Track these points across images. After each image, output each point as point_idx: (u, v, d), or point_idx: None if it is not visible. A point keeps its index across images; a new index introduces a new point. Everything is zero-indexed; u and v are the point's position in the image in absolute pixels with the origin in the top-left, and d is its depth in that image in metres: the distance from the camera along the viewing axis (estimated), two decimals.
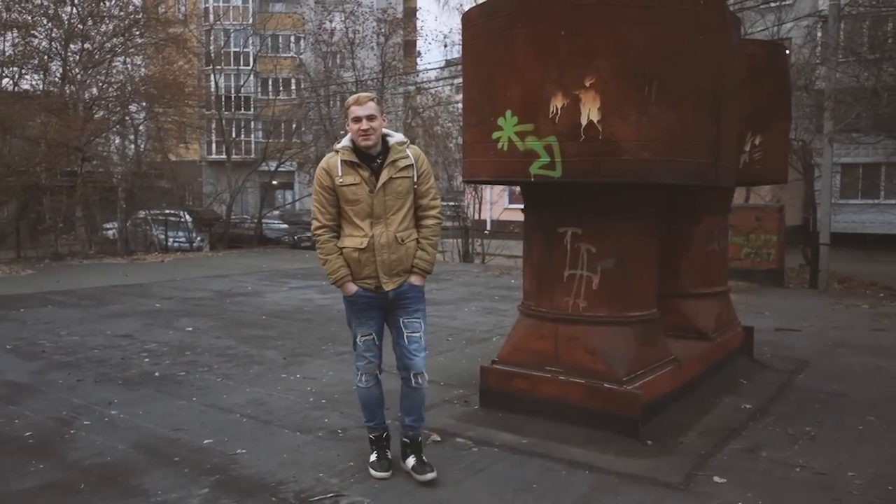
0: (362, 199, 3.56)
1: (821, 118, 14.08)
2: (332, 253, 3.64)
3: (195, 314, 9.07)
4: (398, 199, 3.61)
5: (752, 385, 5.62)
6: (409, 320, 3.71)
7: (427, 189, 3.72)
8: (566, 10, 4.12)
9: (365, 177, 3.57)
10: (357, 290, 3.65)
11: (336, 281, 3.65)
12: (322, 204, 3.64)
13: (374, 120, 3.55)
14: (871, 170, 23.68)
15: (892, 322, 8.80)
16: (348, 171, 3.57)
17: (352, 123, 3.56)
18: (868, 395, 5.40)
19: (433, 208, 3.74)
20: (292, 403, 5.14)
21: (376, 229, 3.58)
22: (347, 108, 3.60)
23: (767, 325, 8.15)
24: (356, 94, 3.74)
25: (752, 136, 6.01)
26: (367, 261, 3.60)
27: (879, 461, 4.05)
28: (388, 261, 3.60)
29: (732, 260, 11.50)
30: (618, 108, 4.08)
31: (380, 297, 3.66)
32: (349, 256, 3.62)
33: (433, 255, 3.75)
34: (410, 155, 3.65)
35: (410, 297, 3.70)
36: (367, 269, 3.61)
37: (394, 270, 3.63)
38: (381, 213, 3.58)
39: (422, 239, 3.71)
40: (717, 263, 6.16)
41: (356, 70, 24.69)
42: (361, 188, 3.56)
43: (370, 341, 3.74)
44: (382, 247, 3.58)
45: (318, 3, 26.80)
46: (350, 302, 3.71)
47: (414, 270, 3.68)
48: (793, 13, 19.70)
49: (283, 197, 35.26)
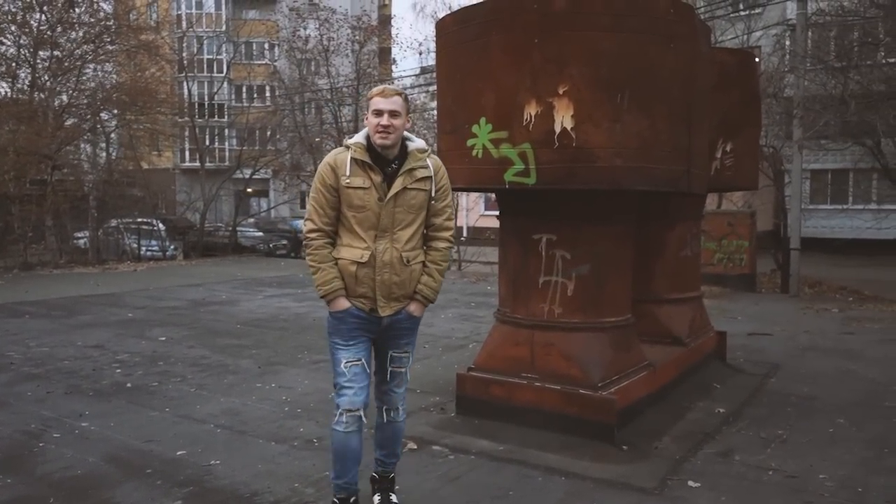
0: (369, 207, 3.07)
1: (790, 125, 14.32)
2: (325, 262, 3.13)
3: (168, 324, 8.96)
4: (410, 212, 3.12)
5: (726, 389, 5.68)
6: (398, 354, 3.28)
7: (443, 207, 3.24)
8: (539, 18, 4.15)
9: (376, 181, 3.07)
10: (349, 307, 3.13)
11: (327, 294, 3.13)
12: (320, 204, 3.12)
13: (398, 117, 3.06)
14: (839, 176, 24.11)
15: (860, 326, 8.95)
16: (358, 171, 3.08)
17: (371, 116, 3.08)
18: (838, 398, 5.48)
19: (447, 230, 3.27)
20: (267, 413, 5.09)
21: (380, 244, 3.09)
22: (370, 98, 3.12)
23: (740, 330, 8.25)
24: (381, 85, 3.27)
25: (724, 142, 6.09)
26: (364, 278, 3.10)
27: (850, 463, 4.11)
28: (388, 282, 3.11)
29: (705, 265, 11.66)
30: (591, 116, 4.11)
31: (372, 322, 3.17)
32: (345, 269, 3.12)
33: (440, 283, 3.26)
34: (430, 165, 3.18)
35: (405, 329, 3.24)
36: (362, 288, 3.12)
37: (393, 294, 3.14)
38: (389, 225, 3.09)
39: (429, 263, 3.22)
40: (691, 269, 6.23)
41: (331, 77, 24.63)
42: (370, 194, 3.07)
43: (358, 368, 3.15)
44: (385, 265, 3.09)
45: (292, 11, 26.68)
46: (338, 319, 3.16)
47: (416, 297, 3.20)
48: (762, 22, 20.03)
49: (257, 205, 35.01)
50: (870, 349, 7.41)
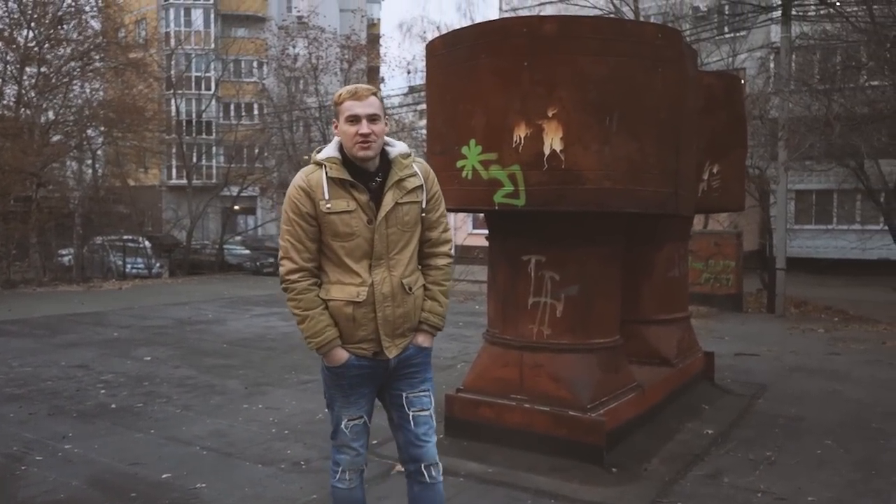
0: (358, 233, 2.58)
1: (775, 146, 14.47)
2: (313, 307, 2.61)
3: (154, 343, 8.88)
4: (405, 232, 2.67)
5: (714, 410, 5.69)
6: (416, 395, 2.77)
7: (438, 218, 2.79)
8: (528, 41, 4.19)
9: (362, 201, 2.59)
10: (348, 359, 2.66)
11: (320, 346, 2.63)
12: (298, 238, 2.60)
13: (377, 122, 2.60)
14: (823, 196, 24.37)
15: (846, 346, 9.01)
16: (339, 192, 2.58)
17: (345, 125, 2.59)
18: (825, 419, 5.50)
19: (445, 243, 2.82)
20: (254, 435, 5.04)
21: (376, 274, 2.61)
22: (339, 102, 2.62)
23: (727, 350, 8.27)
24: (350, 85, 2.74)
25: (710, 164, 6.15)
26: (364, 318, 2.61)
27: (837, 485, 4.12)
28: (392, 317, 2.64)
29: (692, 285, 11.70)
30: (580, 138, 4.14)
31: (378, 367, 2.70)
32: (339, 313, 2.62)
33: (446, 306, 2.82)
34: (419, 172, 2.72)
35: (417, 365, 2.77)
36: (363, 330, 2.63)
37: (398, 330, 2.68)
38: (383, 251, 2.62)
39: (431, 285, 2.77)
40: (678, 289, 6.25)
41: (319, 95, 24.72)
42: (357, 217, 2.58)
43: (359, 427, 2.77)
44: (385, 298, 2.62)
45: (281, 29, 26.88)
46: (337, 374, 2.69)
47: (422, 328, 2.75)
48: (747, 44, 20.31)
49: (245, 222, 34.89)
50: (856, 370, 7.45)
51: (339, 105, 2.63)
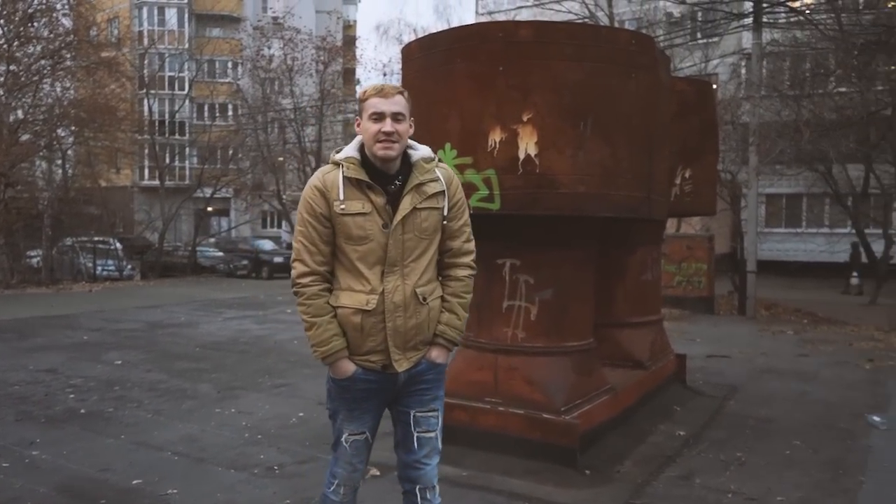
0: (372, 237, 2.45)
1: (746, 151, 14.69)
2: (322, 314, 2.48)
3: (125, 347, 8.76)
4: (422, 239, 2.52)
5: (686, 412, 5.75)
6: (424, 415, 2.62)
7: (461, 227, 2.63)
8: (504, 46, 4.21)
9: (378, 204, 2.46)
10: (355, 371, 2.52)
11: (326, 356, 2.49)
12: (311, 240, 2.48)
13: (402, 122, 2.47)
14: (793, 200, 24.77)
15: (814, 348, 9.16)
16: (354, 193, 2.46)
17: (368, 122, 2.46)
18: (794, 420, 5.59)
19: (468, 254, 2.66)
20: (226, 439, 4.99)
21: (388, 282, 2.47)
22: (364, 99, 2.50)
23: (699, 352, 8.37)
24: (377, 83, 2.60)
25: (683, 169, 6.22)
26: (373, 328, 2.47)
27: (806, 485, 4.19)
28: (403, 328, 2.49)
29: (665, 288, 11.82)
30: (554, 143, 4.17)
31: (386, 381, 2.55)
32: (347, 321, 2.48)
33: (465, 320, 2.66)
34: (441, 177, 2.58)
35: (429, 381, 2.61)
36: (371, 341, 2.49)
37: (410, 342, 2.52)
38: (398, 258, 2.47)
39: (449, 297, 2.60)
40: (651, 293, 6.32)
41: (294, 97, 24.60)
42: (372, 221, 2.45)
43: (361, 443, 2.62)
44: (397, 307, 2.47)
45: (256, 30, 26.68)
46: (342, 387, 2.55)
47: (437, 341, 2.58)
48: (719, 50, 20.60)
49: (218, 224, 34.58)
50: (824, 371, 7.58)
51: (363, 101, 2.50)
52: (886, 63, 11.53)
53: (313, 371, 7.33)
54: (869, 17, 10.54)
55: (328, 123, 26.14)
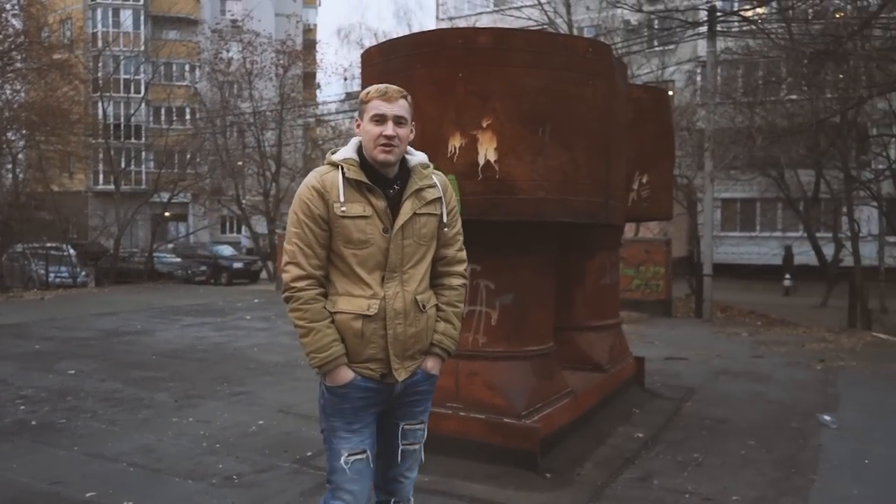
0: (373, 241, 2.39)
1: (702, 157, 15.00)
2: (319, 319, 2.38)
3: (78, 356, 8.55)
4: (420, 245, 2.47)
5: (644, 414, 5.84)
6: (412, 427, 2.55)
7: (455, 235, 2.61)
8: (463, 53, 4.24)
9: (379, 208, 2.40)
10: (353, 379, 2.41)
11: (324, 363, 2.37)
12: (307, 242, 2.39)
13: (404, 126, 2.42)
14: (747, 205, 25.37)
15: (768, 349, 9.38)
16: (355, 195, 2.39)
17: (369, 124, 2.40)
18: (749, 420, 5.71)
19: (461, 262, 2.63)
20: (184, 449, 4.91)
21: (389, 288, 2.41)
22: (366, 101, 2.43)
23: (657, 355, 8.50)
24: (380, 85, 2.47)
25: (640, 175, 6.32)
26: (373, 335, 2.39)
27: (760, 484, 4.28)
28: (403, 336, 2.42)
29: (624, 291, 11.99)
30: (513, 149, 4.20)
31: (383, 391, 2.46)
32: (346, 327, 2.39)
33: (459, 329, 2.63)
34: (438, 184, 2.54)
35: (422, 392, 2.55)
36: (372, 348, 2.40)
37: (409, 351, 2.45)
38: (398, 263, 2.42)
39: (444, 305, 2.56)
40: (610, 297, 6.40)
41: (254, 101, 24.36)
42: (373, 224, 2.39)
43: (362, 465, 2.45)
44: (397, 314, 2.40)
45: (214, 33, 26.35)
46: (339, 396, 2.42)
47: (434, 351, 2.53)
48: (675, 58, 21.00)
49: (176, 229, 34.01)
50: (777, 372, 7.76)
51: (365, 103, 2.43)
52: (835, 72, 11.86)
53: (273, 378, 7.25)
54: (818, 27, 10.84)
55: (288, 128, 25.94)
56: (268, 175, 24.75)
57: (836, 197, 16.62)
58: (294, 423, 5.54)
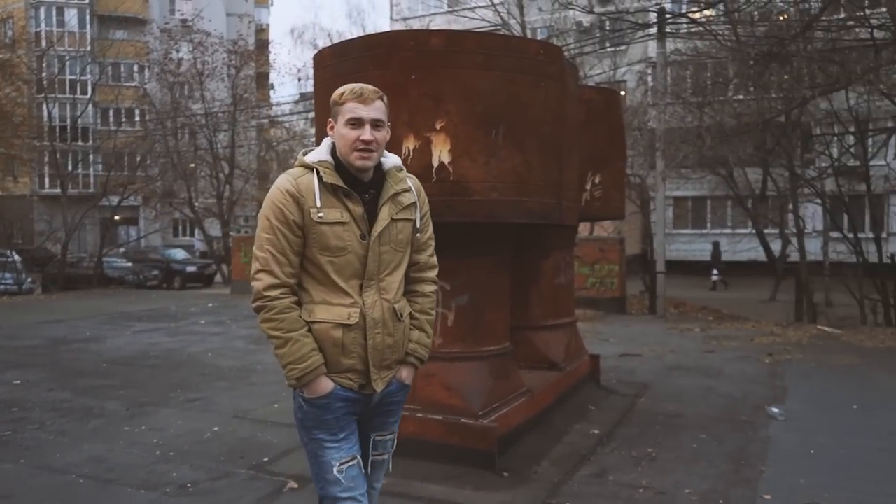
0: (350, 248, 2.31)
1: (654, 156, 15.28)
2: (296, 328, 2.29)
3: (24, 365, 8.30)
4: (397, 251, 2.41)
5: (599, 411, 5.92)
6: (383, 438, 2.53)
7: (427, 240, 2.55)
8: (416, 55, 4.24)
9: (357, 214, 2.32)
10: (333, 389, 2.34)
11: (304, 374, 2.28)
12: (281, 249, 2.29)
13: (381, 129, 2.34)
14: (698, 202, 25.93)
15: (719, 344, 9.60)
16: (331, 201, 2.30)
17: (344, 128, 2.30)
18: (701, 415, 5.84)
19: (433, 268, 2.59)
20: (136, 458, 4.81)
21: (367, 296, 2.34)
22: (341, 102, 2.32)
23: (612, 352, 8.63)
24: (354, 85, 2.36)
25: (593, 175, 6.41)
26: (352, 344, 2.32)
27: (711, 476, 4.38)
28: (381, 346, 2.36)
29: (579, 289, 12.15)
30: (467, 151, 4.22)
31: (361, 402, 2.40)
32: (325, 337, 2.31)
33: (432, 337, 2.60)
34: (412, 187, 2.48)
35: (396, 403, 2.52)
36: (350, 358, 2.33)
37: (385, 361, 2.40)
38: (374, 271, 2.35)
39: (418, 314, 2.50)
40: (565, 295, 6.47)
41: (206, 102, 23.97)
42: (350, 231, 2.31)
43: (356, 469, 2.39)
44: (376, 323, 2.34)
45: (163, 32, 25.85)
46: (320, 408, 2.34)
47: (408, 360, 2.48)
48: (626, 59, 21.35)
49: (126, 233, 33.26)
50: (728, 366, 7.95)
51: (339, 105, 2.32)
52: (779, 73, 12.21)
53: (228, 383, 7.15)
54: (763, 29, 11.15)
55: (242, 129, 25.60)
56: (221, 177, 24.41)
57: (783, 194, 17.11)
58: (250, 428, 5.48)
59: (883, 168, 14.82)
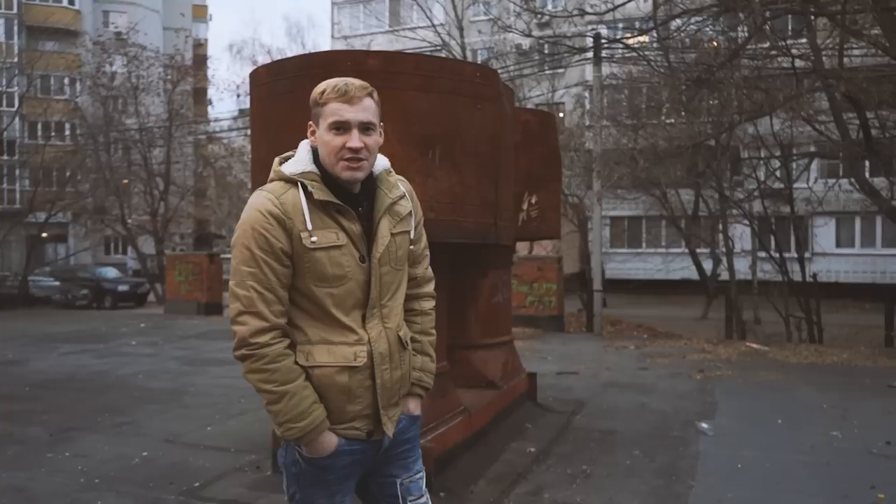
0: (351, 276, 1.96)
1: (591, 177, 15.63)
2: (293, 378, 1.93)
3: None
4: (397, 270, 2.07)
5: (536, 429, 5.98)
6: (412, 479, 2.17)
7: (423, 251, 2.23)
8: (353, 75, 4.24)
9: (354, 233, 1.97)
10: (339, 444, 1.99)
11: (305, 434, 1.93)
12: (267, 285, 1.91)
13: (372, 133, 1.98)
14: (634, 223, 26.58)
15: (653, 361, 9.82)
16: (322, 220, 1.94)
17: (327, 134, 1.95)
18: (634, 431, 5.95)
19: (430, 281, 2.26)
20: (59, 486, 4.61)
21: (371, 328, 2.00)
22: (322, 103, 1.96)
23: (550, 370, 8.73)
24: (338, 81, 1.98)
25: (529, 195, 6.51)
26: (359, 387, 1.98)
27: (643, 492, 4.47)
28: (389, 382, 2.02)
29: (518, 307, 12.30)
30: (404, 171, 4.17)
31: (369, 451, 2.06)
32: (329, 383, 1.96)
33: (435, 361, 2.29)
34: (406, 193, 2.15)
35: (411, 440, 2.18)
36: (358, 404, 1.99)
37: (393, 399, 2.06)
38: (377, 297, 2.01)
39: (419, 336, 2.18)
40: (503, 314, 6.53)
41: (140, 116, 23.42)
42: (348, 254, 1.96)
43: None
44: (383, 359, 2.00)
45: (96, 45, 25.16)
46: (321, 468, 2.00)
47: (414, 391, 2.16)
48: (564, 81, 21.83)
49: (54, 251, 32.05)
50: (661, 383, 8.14)
51: (320, 105, 1.96)
52: (709, 98, 12.69)
53: (160, 406, 6.95)
54: (693, 56, 11.57)
55: (178, 145, 25.06)
56: (156, 194, 23.81)
57: (714, 215, 17.69)
58: (181, 452, 5.33)
59: (805, 191, 15.51)
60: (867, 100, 10.63)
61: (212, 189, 29.54)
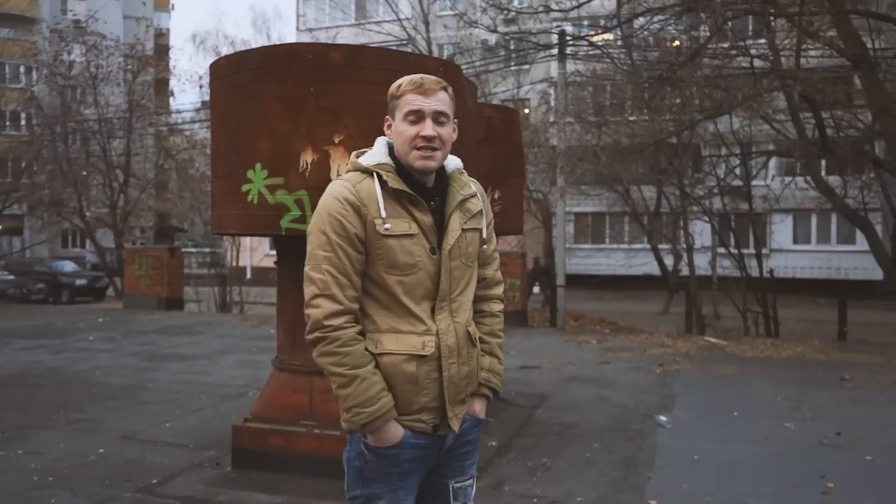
0: (421, 265, 2.00)
1: (555, 173, 15.74)
2: (364, 363, 1.96)
3: None
4: (468, 266, 2.11)
5: (498, 423, 6.01)
6: (463, 484, 2.16)
7: (493, 252, 2.25)
8: (315, 68, 4.23)
9: (426, 225, 2.02)
10: (404, 436, 2.01)
11: (372, 420, 1.95)
12: (342, 269, 1.97)
13: (446, 125, 2.04)
14: (597, 218, 26.85)
15: (614, 355, 9.95)
16: (396, 209, 2.01)
17: (403, 124, 2.02)
18: (594, 424, 6.03)
19: (500, 284, 2.28)
20: (10, 485, 4.51)
21: (440, 320, 2.03)
22: (398, 95, 2.04)
23: (513, 364, 8.79)
24: (414, 75, 2.08)
25: (492, 191, 6.53)
26: (427, 379, 2.01)
27: (602, 484, 4.54)
28: (457, 377, 2.05)
29: None
30: None
31: (434, 446, 2.07)
32: (396, 371, 1.99)
33: (503, 363, 2.29)
34: (478, 193, 2.19)
35: (472, 443, 2.17)
36: (425, 395, 2.01)
37: (460, 395, 2.07)
38: (446, 291, 2.05)
39: (488, 337, 2.20)
40: None
41: (99, 107, 22.91)
42: (419, 245, 2.01)
43: None
44: (451, 352, 2.03)
45: (53, 33, 24.53)
46: (387, 459, 2.02)
47: (482, 392, 2.16)
48: (529, 77, 21.95)
49: (9, 244, 31.26)
50: (621, 377, 8.25)
51: (397, 98, 2.04)
52: (671, 96, 12.86)
53: (118, 402, 6.83)
54: (656, 54, 11.71)
55: (138, 136, 24.59)
56: (115, 186, 23.34)
57: (675, 212, 17.96)
58: (139, 449, 5.25)
59: (763, 188, 15.83)
60: (823, 100, 10.90)
61: (173, 182, 29.05)
